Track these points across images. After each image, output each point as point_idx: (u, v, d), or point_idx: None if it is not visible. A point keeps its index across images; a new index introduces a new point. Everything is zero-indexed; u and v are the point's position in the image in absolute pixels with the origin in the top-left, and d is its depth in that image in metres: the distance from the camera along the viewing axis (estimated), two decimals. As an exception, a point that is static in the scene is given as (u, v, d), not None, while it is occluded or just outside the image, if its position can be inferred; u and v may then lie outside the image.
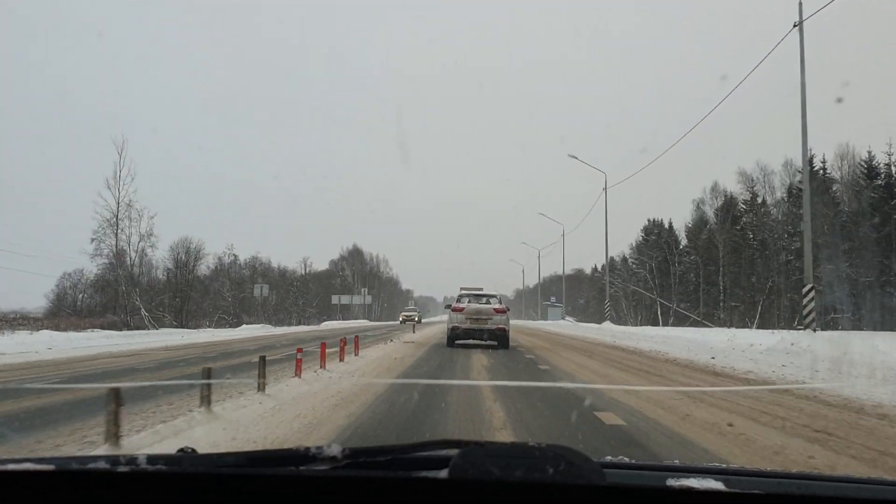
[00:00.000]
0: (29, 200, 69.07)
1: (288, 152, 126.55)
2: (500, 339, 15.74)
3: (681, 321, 48.53)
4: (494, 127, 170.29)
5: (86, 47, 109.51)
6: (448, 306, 17.14)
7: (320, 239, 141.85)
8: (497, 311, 16.16)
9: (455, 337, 16.12)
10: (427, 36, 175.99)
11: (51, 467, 1.03)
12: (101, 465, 1.03)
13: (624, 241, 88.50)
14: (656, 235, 59.46)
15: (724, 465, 1.33)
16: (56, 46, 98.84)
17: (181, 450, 1.18)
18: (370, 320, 64.85)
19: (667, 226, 59.58)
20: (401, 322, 51.10)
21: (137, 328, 33.20)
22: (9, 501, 1.00)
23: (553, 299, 79.82)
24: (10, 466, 1.03)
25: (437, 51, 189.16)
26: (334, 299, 65.80)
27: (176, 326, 37.81)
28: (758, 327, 38.57)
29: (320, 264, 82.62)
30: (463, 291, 17.25)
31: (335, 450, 1.05)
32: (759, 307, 44.58)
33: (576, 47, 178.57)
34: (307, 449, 1.06)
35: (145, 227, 38.32)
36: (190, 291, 45.25)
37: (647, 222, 62.86)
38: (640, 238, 63.26)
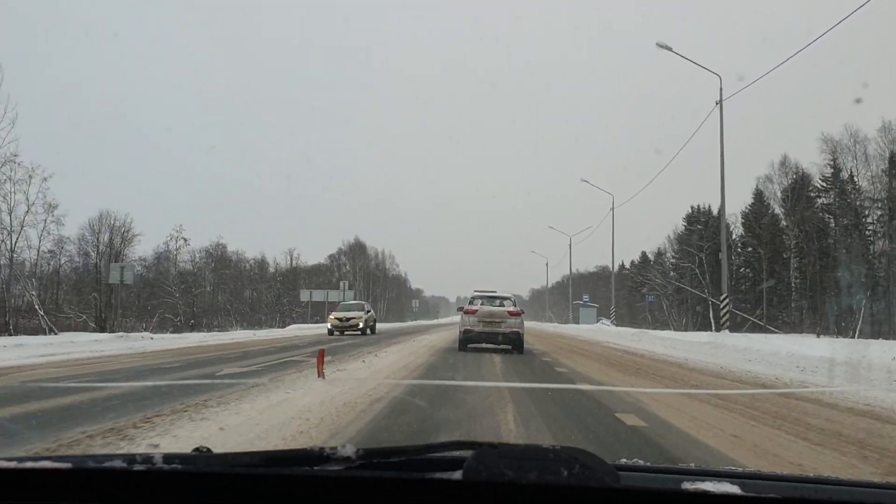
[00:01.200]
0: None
1: (288, 152, 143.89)
2: (514, 342, 17.70)
3: (736, 326, 48.45)
4: (496, 126, 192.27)
5: (86, 47, 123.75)
6: (460, 308, 19.17)
7: (323, 239, 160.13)
8: (511, 313, 17.91)
9: (468, 340, 17.99)
10: (427, 36, 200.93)
11: (68, 465, 1.28)
12: (118, 463, 1.27)
13: (660, 234, 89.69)
14: (703, 224, 59.38)
15: (739, 469, 1.58)
16: (56, 46, 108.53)
17: (197, 449, 1.43)
18: None
19: (715, 213, 59.72)
20: (329, 331, 31.64)
21: (34, 333, 29.41)
22: (27, 499, 1.26)
23: (586, 298, 78.39)
24: (29, 464, 1.29)
25: (437, 51, 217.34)
26: (303, 295, 59.02)
27: (96, 330, 34.97)
28: (860, 336, 37.12)
29: (318, 261, 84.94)
30: (476, 293, 19.15)
31: (349, 450, 1.29)
32: (862, 310, 42.78)
33: (576, 47, 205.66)
34: (321, 449, 1.31)
35: (36, 194, 33.60)
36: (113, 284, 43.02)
37: (690, 210, 62.78)
38: (682, 228, 63.26)
